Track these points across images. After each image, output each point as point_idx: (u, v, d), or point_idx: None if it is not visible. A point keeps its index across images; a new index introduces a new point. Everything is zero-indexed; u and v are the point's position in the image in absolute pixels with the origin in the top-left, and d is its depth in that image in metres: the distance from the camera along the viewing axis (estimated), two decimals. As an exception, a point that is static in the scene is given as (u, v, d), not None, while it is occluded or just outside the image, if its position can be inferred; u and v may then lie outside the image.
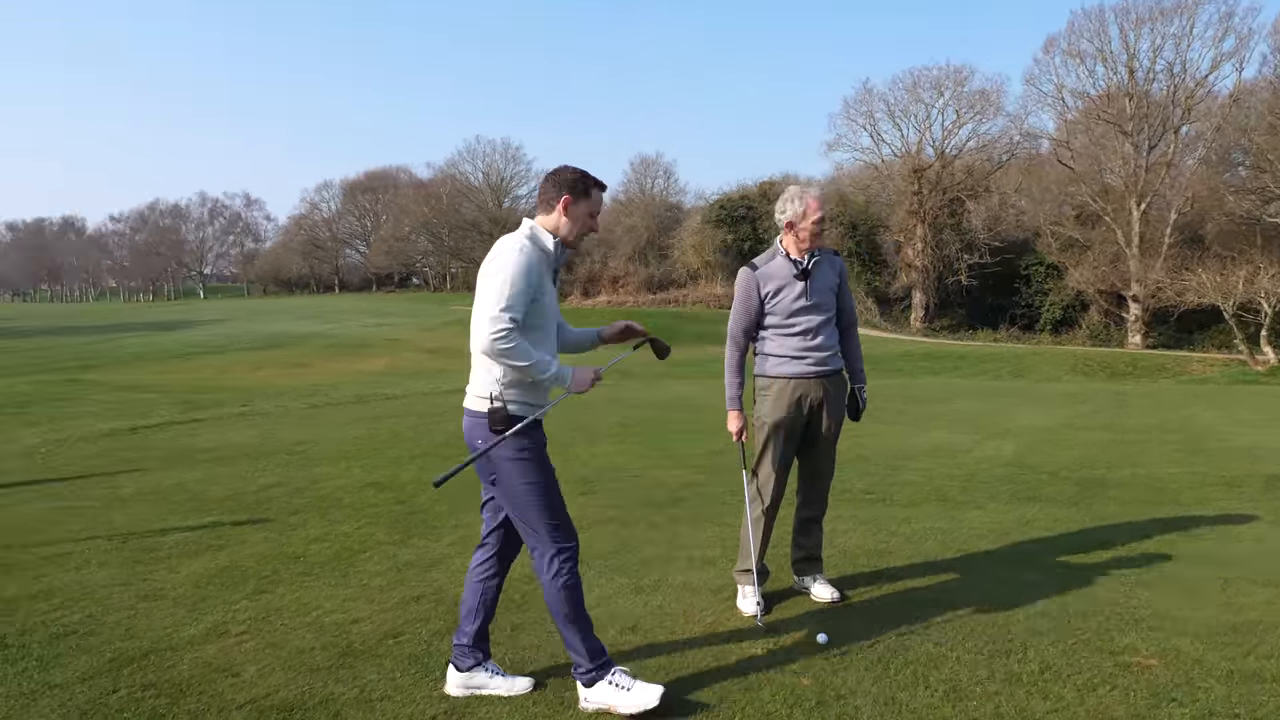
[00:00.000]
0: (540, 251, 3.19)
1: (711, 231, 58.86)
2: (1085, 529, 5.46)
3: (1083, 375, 29.36)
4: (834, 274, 4.17)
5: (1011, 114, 47.72)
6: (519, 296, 3.04)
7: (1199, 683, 3.22)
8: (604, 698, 3.13)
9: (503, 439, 3.12)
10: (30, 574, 4.98)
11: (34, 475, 8.07)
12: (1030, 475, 7.01)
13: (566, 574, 3.19)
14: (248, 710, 3.22)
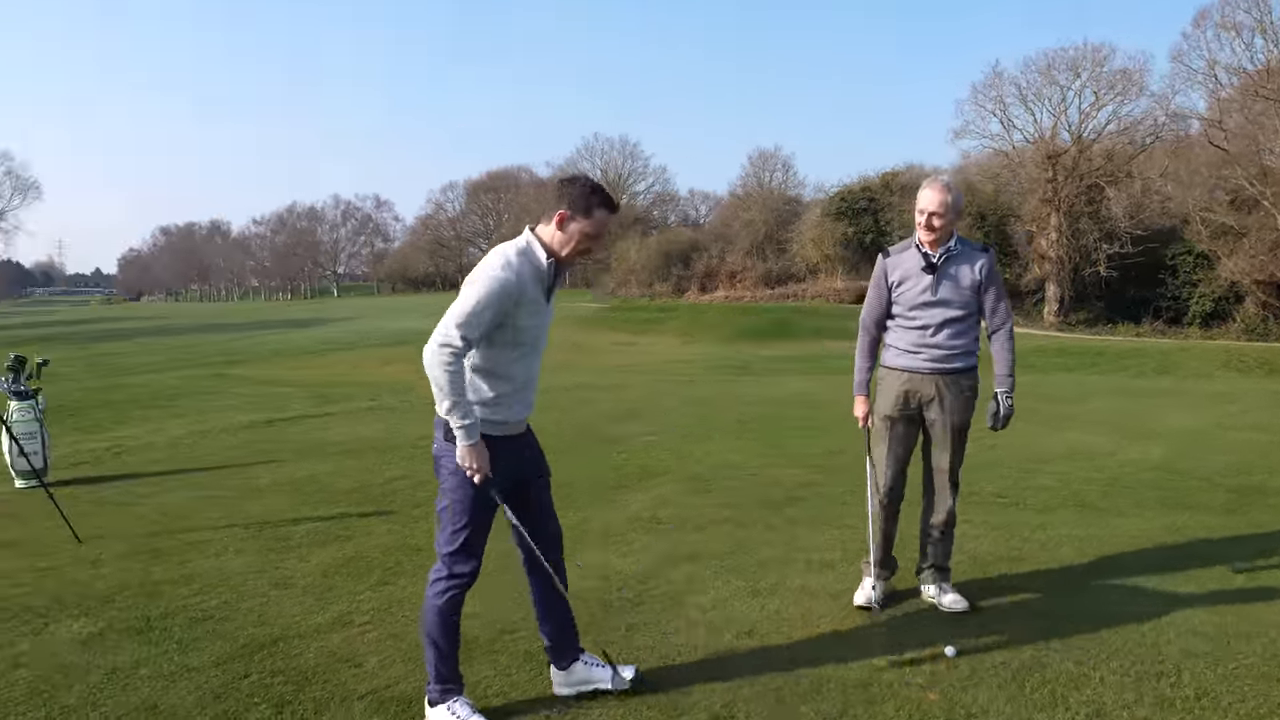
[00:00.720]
0: (532, 267, 2.98)
1: (831, 224, 57.70)
2: (1243, 539, 5.02)
3: (1236, 372, 27.29)
4: (973, 272, 3.96)
5: (1156, 94, 44.77)
6: (481, 319, 2.86)
7: (1387, 718, 2.88)
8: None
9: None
10: (175, 559, 5.26)
11: (180, 465, 8.55)
12: (1180, 480, 6.52)
13: (446, 598, 3.07)
14: (369, 701, 3.29)
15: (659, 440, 9.05)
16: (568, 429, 9.92)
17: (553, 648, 3.35)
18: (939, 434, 4.09)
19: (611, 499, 6.48)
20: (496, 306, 2.87)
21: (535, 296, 2.98)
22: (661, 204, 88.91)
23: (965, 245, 4.00)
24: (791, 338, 38.31)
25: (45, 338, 51.95)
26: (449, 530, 3.06)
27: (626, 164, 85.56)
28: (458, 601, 3.07)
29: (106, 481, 7.81)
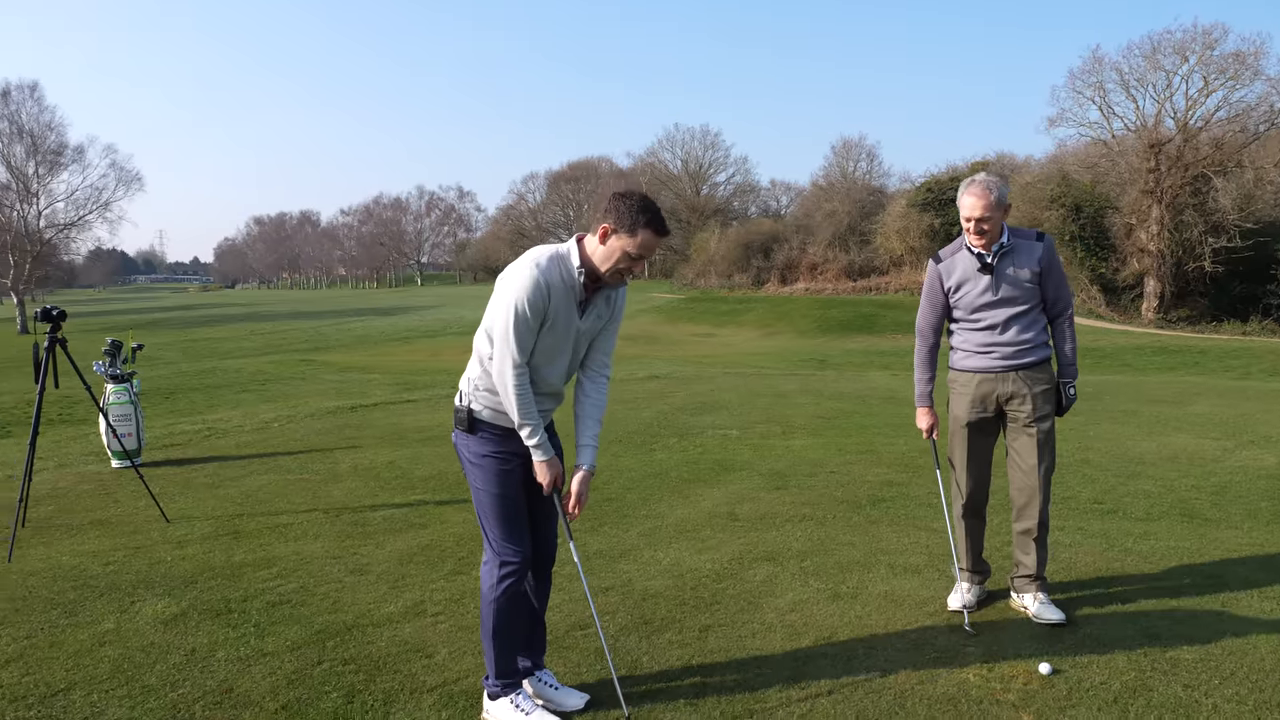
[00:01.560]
0: (562, 274, 2.83)
1: (917, 216, 56.36)
2: (1372, 557, 4.63)
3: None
4: (1031, 262, 3.76)
5: (1273, 78, 42.40)
6: (523, 331, 2.80)
7: None
8: (501, 715, 3.03)
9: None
10: (256, 542, 5.35)
11: (267, 449, 8.75)
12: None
13: (502, 589, 2.99)
14: (438, 694, 3.25)
15: (738, 435, 8.90)
16: (643, 421, 9.84)
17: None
18: (1023, 435, 3.90)
19: (686, 493, 6.37)
20: (529, 309, 2.77)
21: (564, 307, 2.85)
22: (742, 195, 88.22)
23: (1018, 236, 3.82)
24: (874, 332, 37.60)
25: (146, 323, 54.38)
26: (486, 520, 3.02)
27: (707, 154, 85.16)
28: (514, 592, 3.00)
29: (196, 463, 8.03)
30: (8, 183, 53.95)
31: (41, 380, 5.74)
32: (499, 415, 2.95)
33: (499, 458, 2.97)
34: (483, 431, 2.98)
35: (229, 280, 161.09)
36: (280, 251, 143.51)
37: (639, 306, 54.46)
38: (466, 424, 2.98)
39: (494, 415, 2.96)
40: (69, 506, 6.37)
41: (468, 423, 2.98)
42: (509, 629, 3.03)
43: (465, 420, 2.98)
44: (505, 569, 2.99)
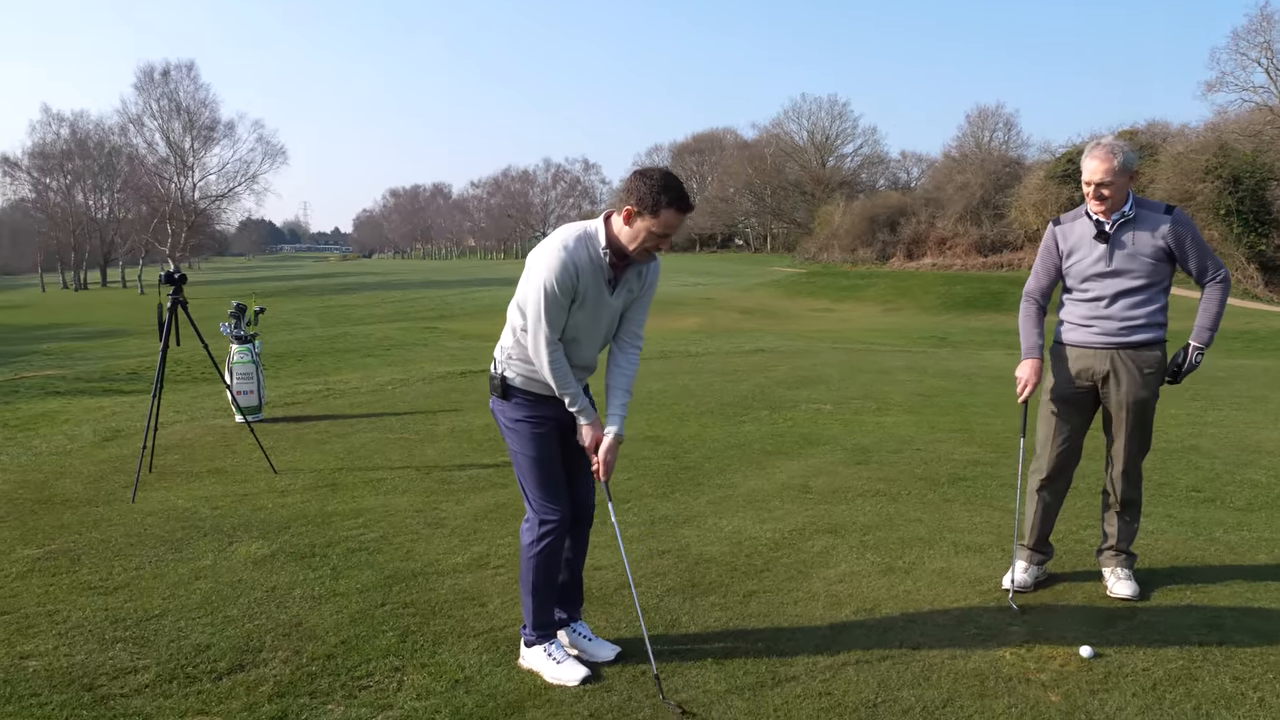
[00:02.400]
0: (590, 253, 2.93)
1: (1056, 188, 53.48)
2: None
3: None
4: (1155, 238, 3.58)
5: None
6: (554, 311, 2.91)
7: None
8: (536, 662, 3.17)
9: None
10: (349, 494, 5.71)
11: (377, 409, 9.23)
12: None
13: (541, 546, 3.13)
14: (483, 639, 3.44)
15: (831, 410, 8.83)
16: (739, 394, 9.87)
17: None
18: (1115, 415, 3.79)
19: (764, 465, 6.40)
20: (558, 287, 2.88)
21: (592, 284, 2.94)
22: (870, 166, 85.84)
23: (1144, 208, 3.64)
24: (1002, 309, 36.08)
25: (289, 290, 57.51)
26: (524, 481, 3.16)
27: (834, 125, 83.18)
28: (552, 549, 3.14)
29: (311, 420, 8.57)
30: (166, 157, 58.03)
31: (165, 339, 6.25)
32: (531, 382, 3.09)
33: (533, 422, 3.11)
34: (516, 397, 3.12)
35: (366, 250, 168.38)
36: (414, 223, 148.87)
37: (758, 280, 54.02)
38: (501, 391, 3.13)
39: (526, 382, 3.10)
40: (191, 456, 6.93)
41: (502, 390, 3.13)
42: (546, 584, 3.18)
43: (500, 387, 3.13)
44: (544, 528, 3.14)
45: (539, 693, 3.00)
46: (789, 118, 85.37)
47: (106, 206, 70.86)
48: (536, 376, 3.07)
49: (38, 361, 20.24)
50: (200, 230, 60.96)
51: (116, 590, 4.00)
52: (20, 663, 3.26)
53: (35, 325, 36.03)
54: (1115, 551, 3.85)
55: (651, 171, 2.90)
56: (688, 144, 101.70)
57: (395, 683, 3.10)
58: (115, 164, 63.92)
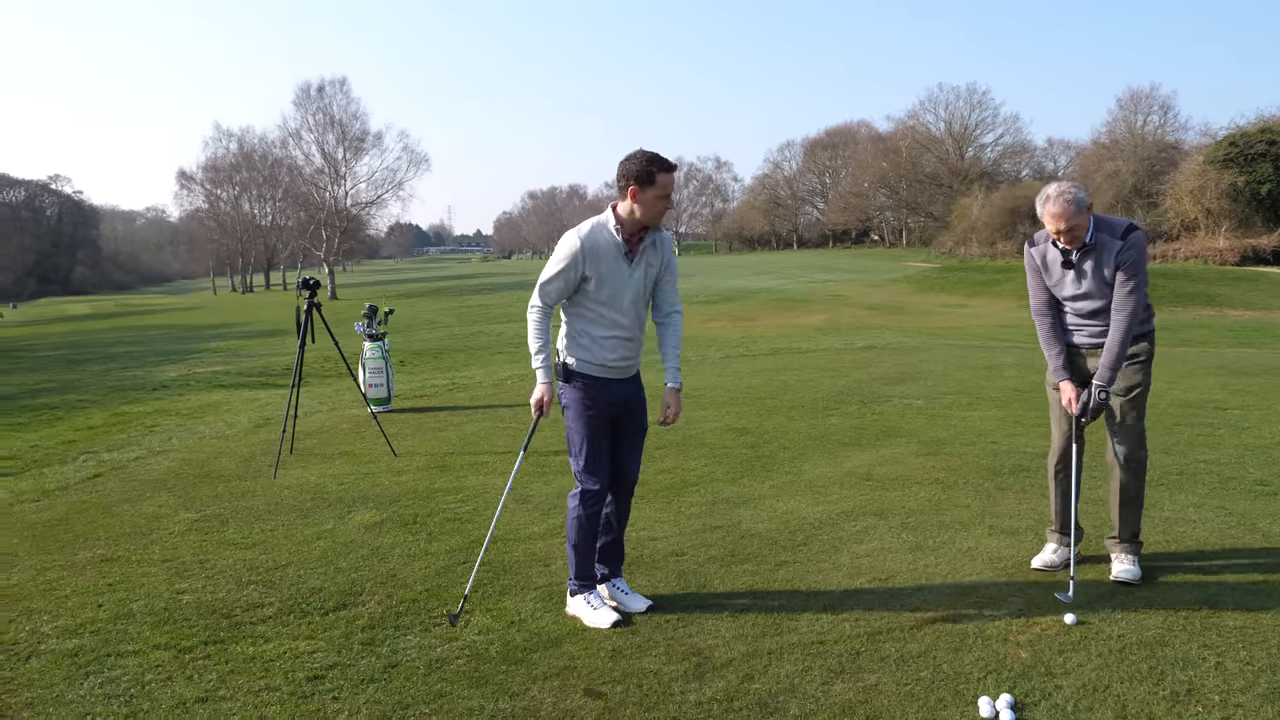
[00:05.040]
0: (605, 237, 3.56)
1: (1216, 174, 50.29)
2: None
3: None
4: (1111, 260, 3.85)
5: None
6: (553, 282, 3.57)
7: None
8: (578, 609, 3.73)
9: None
10: (455, 474, 6.45)
11: (495, 401, 10.06)
12: None
13: (581, 510, 3.70)
14: (541, 591, 4.04)
15: (922, 404, 9.04)
16: (835, 388, 10.17)
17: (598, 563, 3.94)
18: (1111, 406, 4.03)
19: (835, 454, 6.77)
20: (564, 266, 3.53)
21: (609, 262, 3.55)
22: (1013, 156, 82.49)
23: (1104, 231, 3.87)
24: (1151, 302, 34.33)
25: (431, 291, 60.48)
26: (574, 455, 3.73)
27: (973, 114, 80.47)
28: (592, 513, 3.71)
29: (434, 411, 9.45)
30: (322, 167, 62.07)
31: (302, 338, 7.18)
32: (587, 365, 3.66)
33: (586, 402, 3.67)
34: (576, 380, 3.69)
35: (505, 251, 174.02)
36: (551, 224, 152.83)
37: (889, 276, 53.00)
38: (564, 375, 3.70)
39: (583, 365, 3.67)
40: (327, 440, 7.88)
41: (564, 374, 3.70)
42: (585, 543, 3.75)
43: (563, 372, 3.70)
44: (586, 495, 3.72)
45: (576, 633, 3.57)
46: (925, 108, 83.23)
47: (269, 215, 76.60)
48: (592, 358, 3.65)
49: (208, 358, 22.42)
50: (352, 235, 64.87)
51: (254, 546, 4.82)
52: (176, 596, 4.09)
53: (206, 325, 39.51)
54: (1117, 539, 4.08)
55: (631, 156, 3.54)
56: (819, 139, 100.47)
57: (464, 622, 3.73)
58: (277, 175, 69.00)
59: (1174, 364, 11.96)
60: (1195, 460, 6.20)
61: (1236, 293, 34.54)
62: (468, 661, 3.35)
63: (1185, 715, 2.79)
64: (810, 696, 3.00)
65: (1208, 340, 21.49)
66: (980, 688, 3.00)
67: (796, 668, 3.20)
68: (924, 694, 2.98)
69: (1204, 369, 11.43)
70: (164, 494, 6.05)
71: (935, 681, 3.06)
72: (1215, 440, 6.86)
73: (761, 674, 3.17)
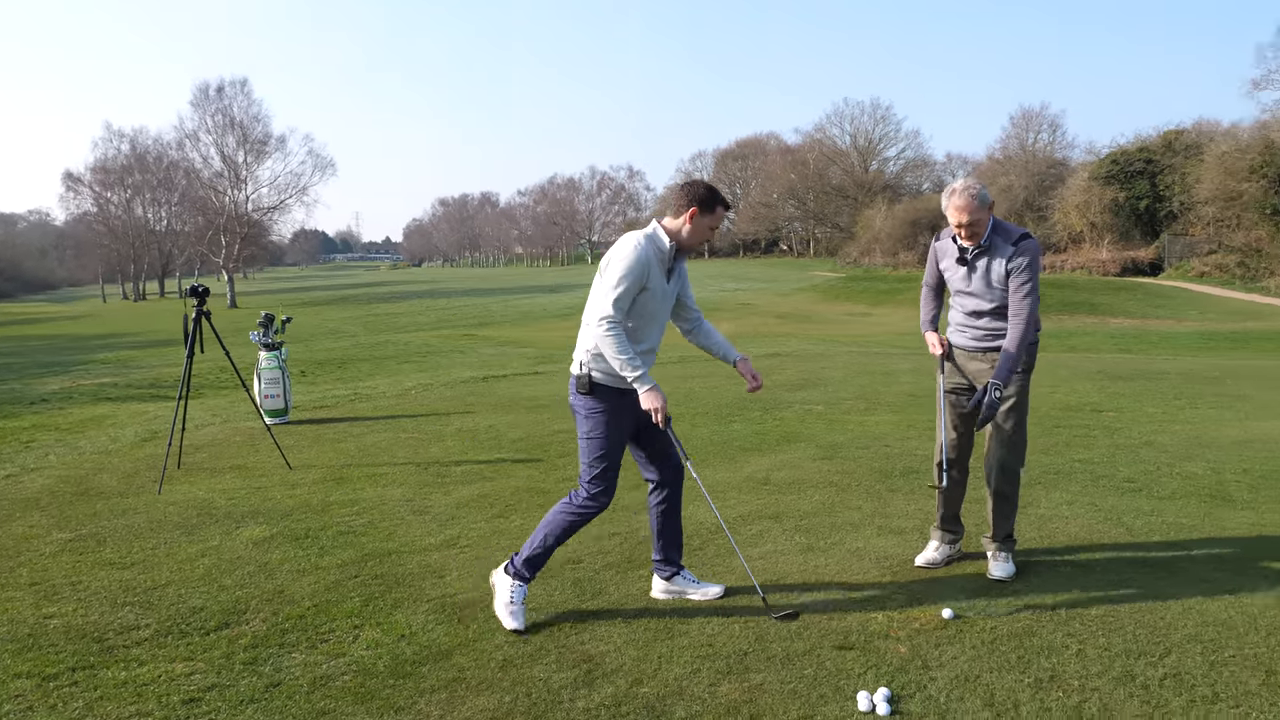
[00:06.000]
0: (656, 249, 3.63)
1: (1099, 190, 52.96)
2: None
3: None
4: (1001, 266, 4.02)
5: None
6: (626, 294, 3.54)
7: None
8: (500, 587, 3.76)
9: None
10: (351, 487, 6.32)
11: (397, 412, 9.88)
12: (1357, 477, 5.88)
13: (575, 516, 3.75)
14: (435, 603, 3.99)
15: (822, 410, 9.25)
16: (737, 396, 10.33)
17: (661, 561, 3.98)
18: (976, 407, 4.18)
19: (736, 460, 6.87)
20: (635, 275, 3.53)
21: (657, 275, 3.61)
22: (914, 170, 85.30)
23: (999, 235, 4.04)
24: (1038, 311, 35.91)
25: (337, 299, 59.17)
26: (588, 464, 3.72)
27: (877, 129, 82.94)
28: (583, 523, 3.77)
29: (334, 422, 9.23)
30: (221, 170, 60.07)
31: (190, 348, 6.93)
32: (609, 378, 3.67)
33: (606, 410, 3.69)
34: (599, 393, 3.69)
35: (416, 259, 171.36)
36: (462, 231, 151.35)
37: (797, 285, 54.14)
38: (588, 388, 3.69)
39: (605, 378, 3.68)
40: (218, 454, 7.62)
41: (589, 386, 3.68)
42: (557, 541, 3.77)
43: (587, 385, 3.69)
44: (588, 505, 3.75)
45: (467, 644, 3.54)
46: (831, 122, 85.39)
47: (164, 219, 73.64)
48: (611, 371, 3.65)
49: (95, 369, 21.38)
50: (254, 241, 62.96)
51: (132, 565, 4.63)
52: (44, 621, 3.90)
53: (95, 335, 37.74)
54: (992, 538, 4.26)
55: (696, 182, 3.73)
56: (731, 150, 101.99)
57: (352, 637, 3.66)
58: (173, 178, 66.46)
59: (1058, 369, 12.54)
60: (1071, 460, 6.52)
61: (1117, 301, 36.42)
62: (354, 677, 3.29)
63: (1047, 701, 2.93)
64: (697, 698, 3.05)
65: (1091, 347, 22.59)
66: (860, 683, 3.09)
67: (685, 670, 3.25)
68: (806, 691, 3.06)
69: (1084, 374, 12.01)
70: (36, 513, 5.76)
71: (818, 679, 3.14)
72: (1090, 441, 7.22)
73: (651, 678, 3.20)
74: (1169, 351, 20.86)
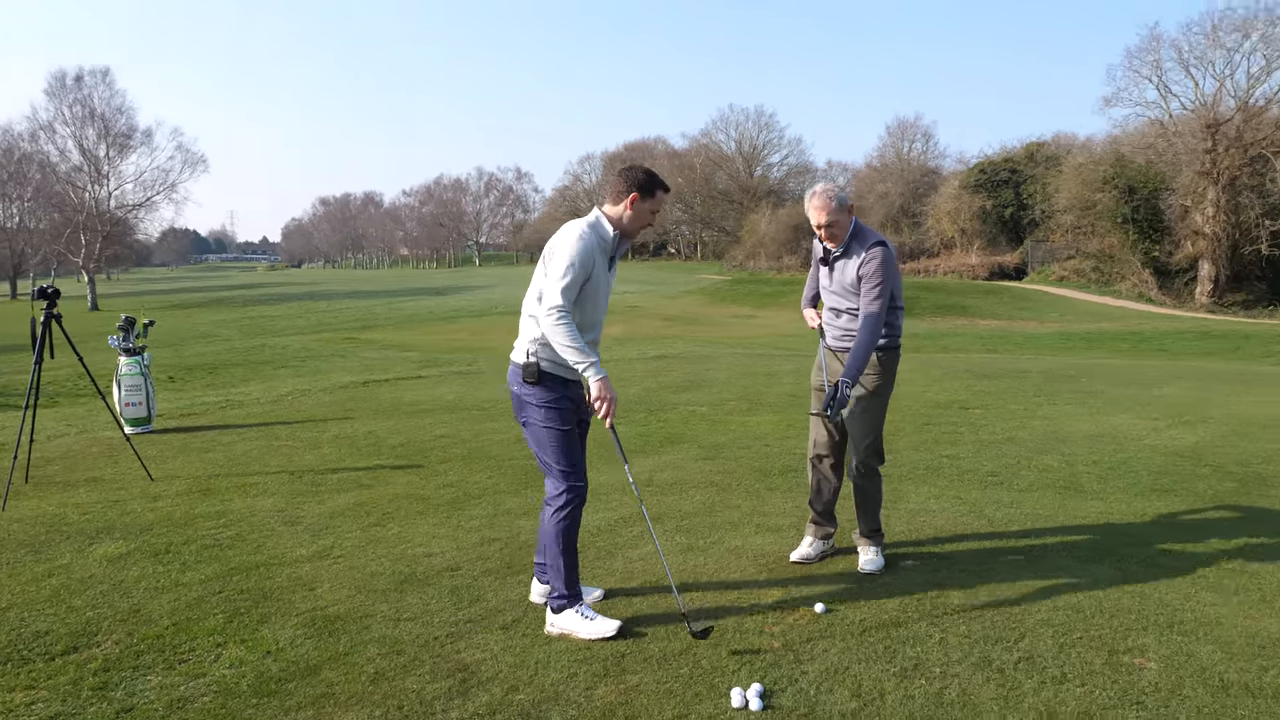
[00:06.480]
0: (599, 238, 3.57)
1: (969, 198, 55.70)
2: (1201, 525, 4.97)
3: (1404, 361, 24.96)
4: (855, 269, 4.16)
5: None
6: (574, 283, 3.45)
7: (1184, 690, 2.98)
8: (568, 624, 3.55)
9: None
10: (219, 498, 6.03)
11: (271, 419, 9.50)
12: (1190, 467, 6.34)
13: (567, 514, 3.62)
14: (304, 617, 3.85)
15: (705, 411, 9.37)
16: (624, 398, 10.36)
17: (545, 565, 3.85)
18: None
19: (620, 462, 6.88)
20: (582, 265, 3.46)
21: (601, 264, 3.57)
22: (797, 176, 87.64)
23: (856, 240, 4.18)
24: (913, 314, 37.36)
25: (210, 301, 56.58)
26: (554, 455, 3.61)
27: (761, 135, 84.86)
28: (577, 517, 3.65)
29: (202, 430, 8.80)
30: (80, 164, 56.56)
31: (39, 353, 6.49)
32: (557, 366, 3.59)
33: (560, 401, 3.60)
34: (546, 382, 3.59)
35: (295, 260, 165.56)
36: (344, 232, 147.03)
37: (684, 288, 54.80)
38: (536, 377, 3.58)
39: (554, 367, 3.59)
40: (73, 466, 7.15)
41: (536, 376, 3.58)
42: (574, 547, 3.66)
43: (535, 374, 3.58)
44: (571, 494, 3.63)
45: (337, 659, 3.42)
46: (717, 128, 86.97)
47: (16, 216, 68.64)
48: (560, 360, 3.56)
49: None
50: (117, 240, 59.57)
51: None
52: None
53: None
54: (860, 533, 4.43)
55: (634, 167, 3.68)
56: (619, 153, 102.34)
57: (214, 656, 3.49)
58: (25, 171, 62.02)
59: (930, 369, 13.08)
60: (939, 455, 6.81)
61: (985, 304, 38.32)
62: (214, 698, 3.13)
63: (911, 689, 3.04)
64: (573, 702, 3.03)
65: (961, 347, 23.68)
66: (734, 679, 3.14)
67: (562, 675, 3.23)
68: (682, 690, 3.08)
69: (954, 373, 12.57)
70: None
71: (693, 677, 3.18)
72: (957, 437, 7.56)
73: (527, 684, 3.17)
74: (1032, 351, 22.08)
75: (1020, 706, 2.92)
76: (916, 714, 2.89)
